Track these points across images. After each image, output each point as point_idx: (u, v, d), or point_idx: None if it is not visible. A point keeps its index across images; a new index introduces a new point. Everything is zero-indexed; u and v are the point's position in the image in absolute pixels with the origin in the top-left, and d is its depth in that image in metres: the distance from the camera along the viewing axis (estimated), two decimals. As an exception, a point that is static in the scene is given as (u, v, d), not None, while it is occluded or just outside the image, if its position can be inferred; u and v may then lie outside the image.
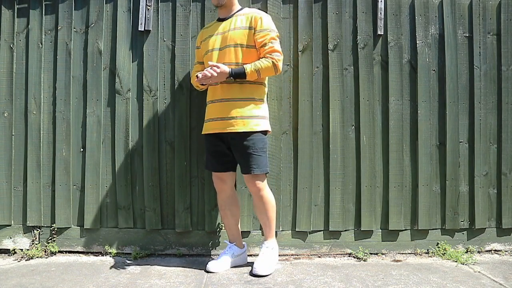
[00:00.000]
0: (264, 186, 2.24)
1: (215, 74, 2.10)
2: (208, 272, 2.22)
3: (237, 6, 2.30)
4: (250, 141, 2.18)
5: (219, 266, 2.24)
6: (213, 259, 2.36)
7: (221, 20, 2.29)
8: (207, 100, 2.31)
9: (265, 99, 2.29)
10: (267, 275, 2.16)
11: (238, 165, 2.31)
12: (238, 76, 2.13)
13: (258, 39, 2.16)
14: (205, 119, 2.31)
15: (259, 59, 2.17)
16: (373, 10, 2.59)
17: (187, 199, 2.55)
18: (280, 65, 2.17)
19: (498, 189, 2.64)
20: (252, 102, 2.20)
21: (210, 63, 2.14)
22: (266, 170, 2.23)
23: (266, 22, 2.19)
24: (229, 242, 2.35)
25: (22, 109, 2.59)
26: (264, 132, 2.23)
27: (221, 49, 2.21)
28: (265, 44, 2.15)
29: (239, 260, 2.35)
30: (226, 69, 2.12)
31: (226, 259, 2.29)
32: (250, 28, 2.18)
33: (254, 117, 2.18)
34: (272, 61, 2.14)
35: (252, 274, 2.18)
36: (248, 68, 2.12)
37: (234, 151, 2.23)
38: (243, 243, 2.40)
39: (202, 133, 2.32)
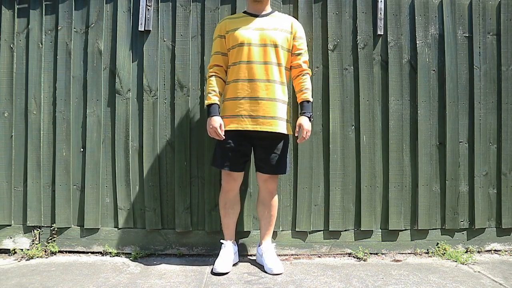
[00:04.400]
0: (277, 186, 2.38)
1: (309, 134, 2.21)
2: (216, 274, 2.19)
3: (270, 7, 2.32)
4: (283, 142, 2.25)
5: (227, 266, 2.23)
6: (215, 260, 2.32)
7: (251, 15, 2.26)
8: (236, 95, 2.18)
9: None
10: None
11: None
12: (311, 108, 2.26)
13: (297, 45, 2.25)
14: (230, 114, 2.20)
15: (299, 75, 2.26)
16: (373, 10, 2.60)
17: (187, 199, 2.56)
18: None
19: (498, 189, 2.64)
20: (288, 105, 2.27)
21: (303, 134, 2.17)
22: (289, 170, 2.34)
23: (302, 31, 2.31)
24: (226, 240, 2.35)
25: (22, 109, 2.59)
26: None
27: (260, 46, 2.18)
28: (300, 54, 2.26)
29: (235, 258, 2.37)
30: (308, 123, 2.20)
31: (230, 257, 2.29)
32: (291, 33, 2.24)
33: (288, 120, 2.27)
34: (308, 75, 2.27)
35: (271, 273, 2.20)
36: (310, 96, 2.23)
37: (263, 152, 2.23)
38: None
39: (227, 129, 2.18)
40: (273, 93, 2.17)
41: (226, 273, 2.19)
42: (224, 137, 2.18)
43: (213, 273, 2.21)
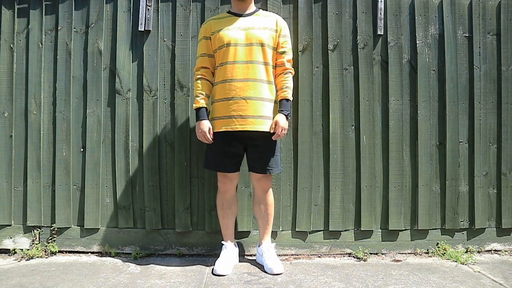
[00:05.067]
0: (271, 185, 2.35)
1: (285, 132, 2.21)
2: (216, 275, 2.18)
3: (253, 5, 2.31)
4: (273, 141, 2.23)
5: (228, 268, 2.22)
6: (215, 260, 2.32)
7: (236, 15, 2.25)
8: (224, 96, 2.17)
9: None
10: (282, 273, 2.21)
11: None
12: (289, 107, 2.23)
13: (281, 44, 2.24)
14: (219, 115, 2.19)
15: (281, 73, 2.24)
16: (373, 10, 2.60)
17: (187, 199, 2.56)
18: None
19: (498, 189, 2.64)
20: (275, 103, 2.25)
21: (278, 131, 2.16)
22: (281, 169, 2.33)
23: (287, 29, 2.30)
24: (226, 241, 2.35)
25: (22, 109, 2.59)
26: None
27: (246, 45, 2.17)
28: (285, 52, 2.25)
29: (236, 260, 2.37)
30: (285, 121, 2.18)
31: (231, 259, 2.30)
32: (276, 31, 2.23)
33: None
34: (291, 74, 2.27)
35: (271, 273, 2.19)
36: (289, 95, 2.22)
37: (254, 151, 2.23)
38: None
39: (217, 130, 2.19)
40: (260, 93, 2.16)
41: (226, 275, 2.19)
42: (212, 140, 2.19)
43: (213, 274, 2.20)
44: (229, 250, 2.32)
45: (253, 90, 2.15)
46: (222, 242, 2.36)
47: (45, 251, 2.51)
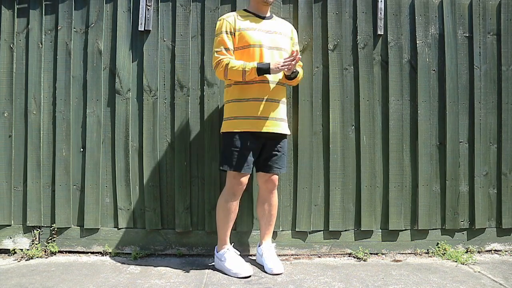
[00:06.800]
0: None
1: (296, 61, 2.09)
2: (243, 278, 2.14)
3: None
4: (285, 142, 2.32)
5: (248, 267, 2.22)
6: (224, 265, 2.24)
7: (259, 17, 2.25)
8: (249, 97, 2.16)
9: None
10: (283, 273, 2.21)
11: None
12: (295, 75, 2.23)
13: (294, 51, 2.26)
14: (244, 115, 2.17)
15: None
16: (373, 10, 2.60)
17: (187, 199, 2.56)
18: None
19: (498, 189, 2.64)
20: (285, 105, 2.32)
21: (294, 61, 2.07)
22: (286, 169, 2.38)
23: (297, 36, 2.40)
24: (226, 244, 2.32)
25: (22, 109, 2.59)
26: None
27: (270, 48, 2.20)
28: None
29: None
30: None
31: (242, 259, 2.30)
32: (291, 39, 2.32)
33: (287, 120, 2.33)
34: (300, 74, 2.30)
35: (271, 273, 2.19)
36: (301, 73, 2.28)
37: (268, 152, 2.25)
38: None
39: (239, 130, 2.16)
40: (281, 95, 2.26)
41: (251, 274, 2.17)
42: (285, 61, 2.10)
43: (237, 277, 2.14)
44: (235, 251, 2.31)
45: (276, 92, 2.22)
46: (224, 247, 2.30)
47: (45, 251, 2.51)
